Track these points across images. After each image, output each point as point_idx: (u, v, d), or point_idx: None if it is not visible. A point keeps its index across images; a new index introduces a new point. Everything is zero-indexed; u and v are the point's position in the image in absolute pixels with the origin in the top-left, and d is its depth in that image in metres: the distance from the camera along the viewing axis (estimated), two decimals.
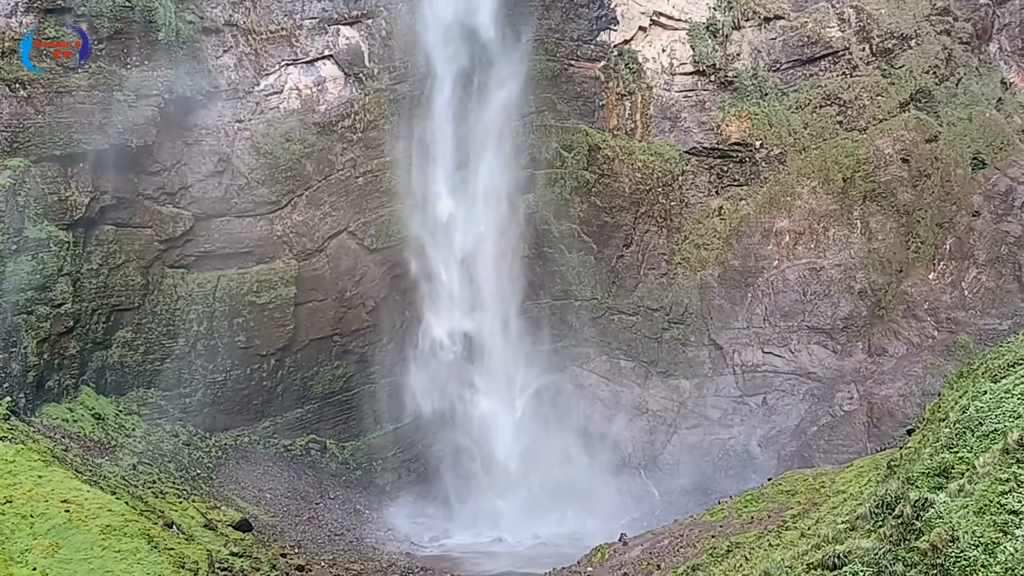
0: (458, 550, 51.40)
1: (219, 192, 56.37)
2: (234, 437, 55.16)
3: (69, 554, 30.33)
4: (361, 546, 48.70)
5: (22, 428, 40.03)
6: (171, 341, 54.20)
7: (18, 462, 34.13)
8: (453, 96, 61.53)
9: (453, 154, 62.21)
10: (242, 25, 56.97)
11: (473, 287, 62.88)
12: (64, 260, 48.12)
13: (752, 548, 34.05)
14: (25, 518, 31.19)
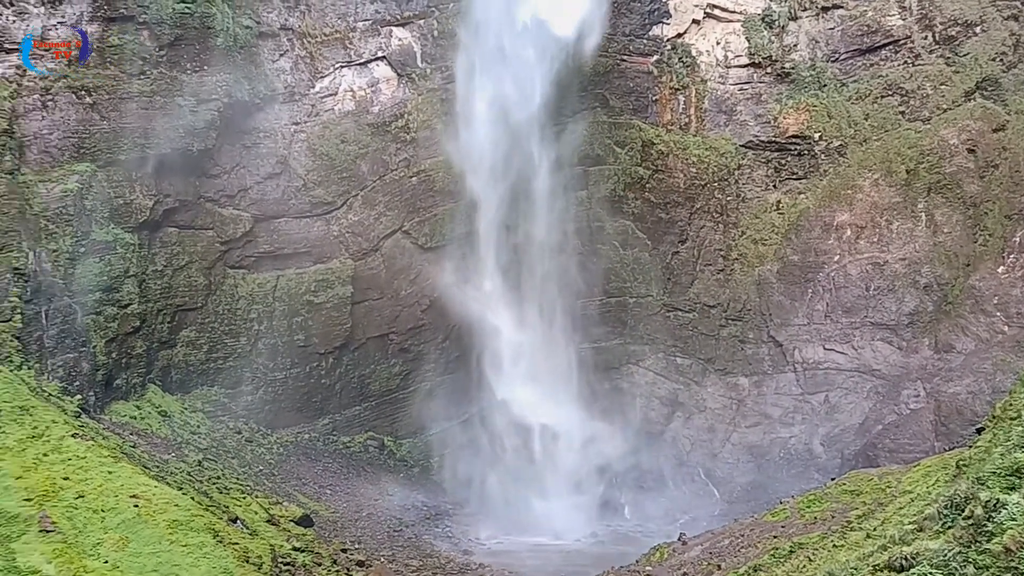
0: (515, 548, 51.36)
1: (277, 194, 57.40)
2: (294, 434, 56.15)
3: (138, 548, 31.21)
4: (419, 543, 49.10)
5: (92, 425, 41.28)
6: (233, 340, 55.42)
7: (89, 458, 35.20)
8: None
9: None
10: (297, 29, 57.91)
11: (526, 286, 62.77)
12: (130, 262, 49.48)
13: (815, 549, 33.35)
14: (96, 512, 32.17)
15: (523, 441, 60.52)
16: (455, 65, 61.02)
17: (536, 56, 60.64)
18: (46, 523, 31.22)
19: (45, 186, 46.34)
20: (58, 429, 36.23)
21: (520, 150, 61.12)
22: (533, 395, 61.08)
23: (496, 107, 60.23)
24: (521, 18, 60.83)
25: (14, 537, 30.27)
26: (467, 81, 60.64)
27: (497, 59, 60.50)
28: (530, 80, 60.56)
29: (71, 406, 41.10)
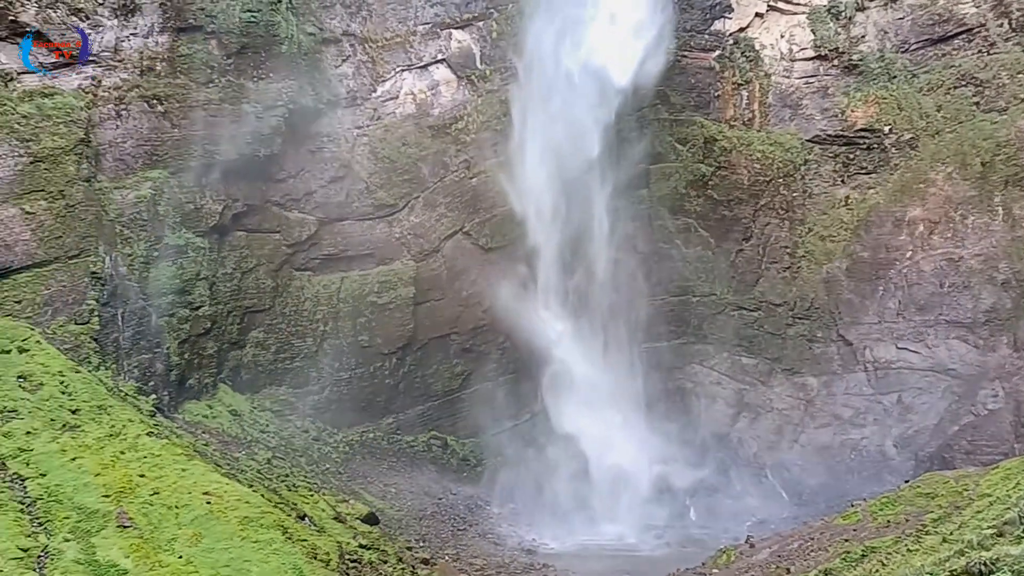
0: (579, 548, 51.13)
1: (340, 197, 58.31)
2: (360, 433, 56.95)
3: (211, 543, 32.01)
4: (483, 541, 49.29)
5: (166, 424, 42.54)
6: (299, 341, 56.51)
7: (163, 456, 36.26)
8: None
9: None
10: (359, 34, 58.73)
11: (588, 287, 62.41)
12: (201, 265, 50.85)
13: (889, 553, 32.45)
14: (171, 509, 33.12)
15: (580, 447, 59.99)
16: (511, 103, 60.90)
17: (592, 104, 60.29)
18: (123, 519, 32.29)
19: (120, 193, 47.96)
20: (134, 428, 37.42)
21: (578, 197, 60.73)
22: (591, 400, 60.55)
23: (550, 156, 59.97)
24: (574, 65, 60.20)
25: (94, 532, 31.39)
26: (521, 126, 60.42)
27: (550, 107, 60.05)
28: (587, 129, 60.08)
29: (146, 405, 42.43)
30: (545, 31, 59.80)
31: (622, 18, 60.49)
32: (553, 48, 60.24)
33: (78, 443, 35.31)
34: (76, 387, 38.25)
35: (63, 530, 31.07)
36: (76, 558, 29.88)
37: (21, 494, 32.47)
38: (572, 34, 60.08)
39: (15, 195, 43.62)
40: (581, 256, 61.86)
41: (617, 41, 59.96)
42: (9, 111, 43.74)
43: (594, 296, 62.06)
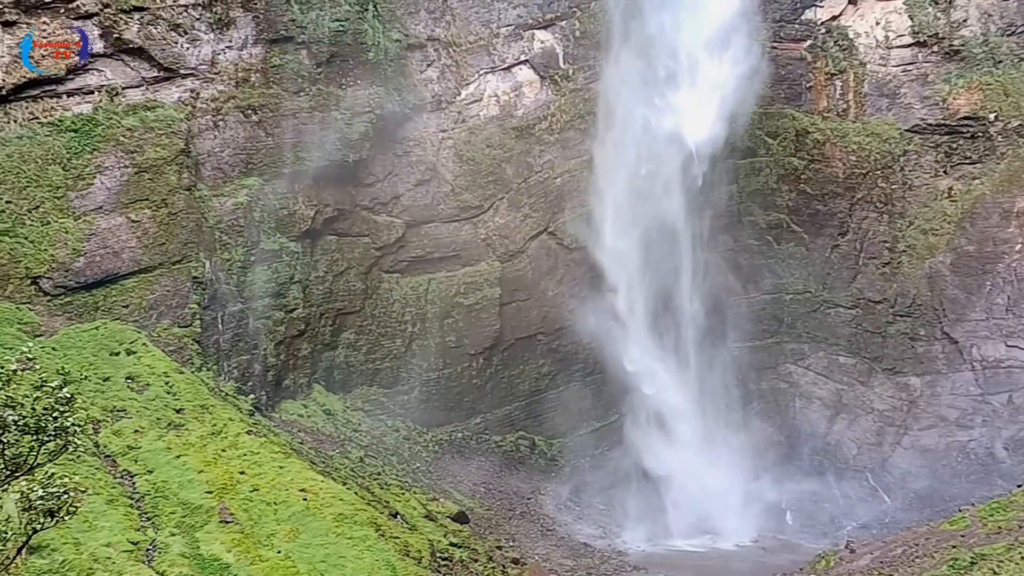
0: (671, 551, 50.39)
1: (427, 200, 59.01)
2: (448, 432, 57.51)
3: (307, 539, 32.84)
4: (573, 542, 49.07)
5: (264, 423, 43.88)
6: (389, 342, 57.45)
7: (262, 454, 37.41)
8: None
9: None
10: (443, 39, 59.33)
11: (674, 286, 61.30)
12: (295, 269, 52.28)
13: (1001, 561, 30.79)
14: (269, 505, 34.13)
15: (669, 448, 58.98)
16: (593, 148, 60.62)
17: (675, 167, 59.61)
18: (225, 514, 33.43)
19: (218, 200, 49.75)
20: (234, 426, 38.74)
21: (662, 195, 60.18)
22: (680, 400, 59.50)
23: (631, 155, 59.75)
24: (659, 128, 59.59)
25: (198, 527, 32.61)
26: (605, 129, 60.18)
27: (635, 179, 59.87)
28: (672, 187, 59.63)
29: (245, 405, 43.86)
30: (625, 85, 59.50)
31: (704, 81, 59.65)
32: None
33: (182, 441, 36.77)
34: (180, 387, 39.84)
35: (169, 524, 32.39)
36: (182, 551, 31.09)
37: (131, 490, 34.01)
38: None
39: (121, 204, 45.74)
40: (667, 254, 60.86)
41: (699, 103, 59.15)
42: (115, 124, 45.89)
43: (680, 295, 60.93)
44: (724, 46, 59.55)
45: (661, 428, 58.72)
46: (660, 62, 59.68)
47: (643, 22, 59.26)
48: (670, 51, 59.47)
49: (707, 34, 59.21)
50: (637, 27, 59.42)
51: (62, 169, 43.67)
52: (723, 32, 59.32)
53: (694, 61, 59.63)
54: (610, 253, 60.02)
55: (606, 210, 60.40)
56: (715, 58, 59.59)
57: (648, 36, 59.23)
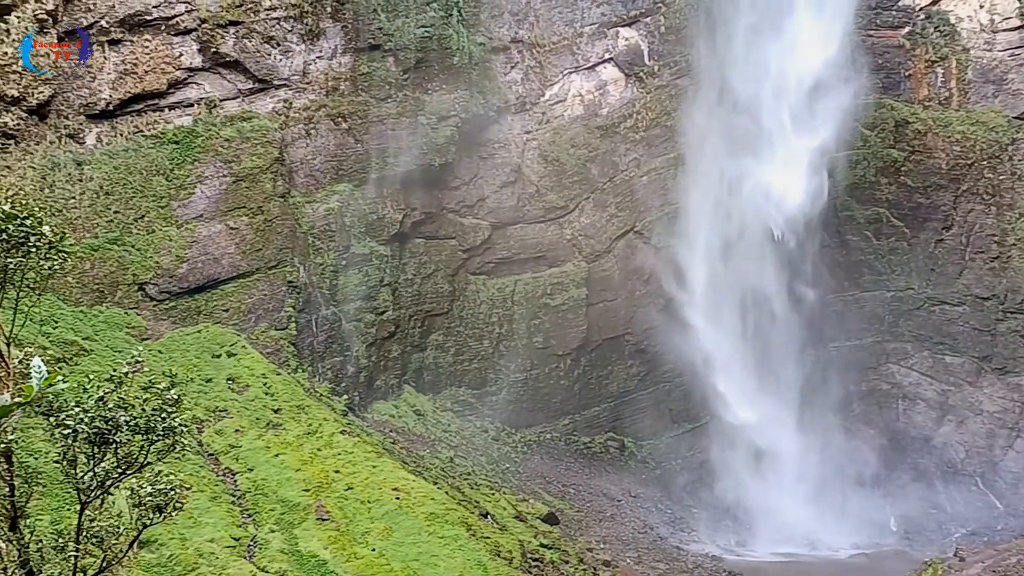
0: (768, 557, 48.96)
1: (512, 201, 59.16)
2: (537, 433, 57.50)
3: (400, 537, 33.29)
4: (665, 545, 48.25)
5: (357, 423, 44.77)
6: (477, 343, 57.86)
7: (356, 453, 38.16)
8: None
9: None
10: (527, 40, 59.39)
11: (766, 284, 59.63)
12: (384, 272, 53.22)
13: None
14: (364, 503, 34.76)
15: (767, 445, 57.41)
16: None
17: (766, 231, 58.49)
18: (322, 512, 34.23)
19: (311, 206, 51.08)
20: (329, 426, 39.65)
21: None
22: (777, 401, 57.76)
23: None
24: (744, 186, 58.51)
25: (296, 524, 33.49)
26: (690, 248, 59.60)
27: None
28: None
29: (339, 405, 44.87)
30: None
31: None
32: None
33: (280, 440, 37.84)
34: (277, 388, 41.03)
35: (269, 521, 33.37)
36: (281, 548, 31.98)
37: (232, 487, 35.20)
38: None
39: (221, 212, 47.48)
40: (757, 252, 59.29)
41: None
42: (214, 135, 47.66)
43: (772, 294, 59.18)
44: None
45: (755, 432, 57.08)
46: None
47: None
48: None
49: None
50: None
51: (165, 180, 45.60)
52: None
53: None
54: (698, 251, 58.90)
55: (692, 207, 59.31)
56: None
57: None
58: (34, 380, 4.83)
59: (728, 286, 59.04)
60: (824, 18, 57.34)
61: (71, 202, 42.42)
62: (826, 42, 57.10)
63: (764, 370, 58.41)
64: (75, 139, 44.34)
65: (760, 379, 58.04)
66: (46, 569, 12.71)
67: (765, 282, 58.82)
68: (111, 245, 43.22)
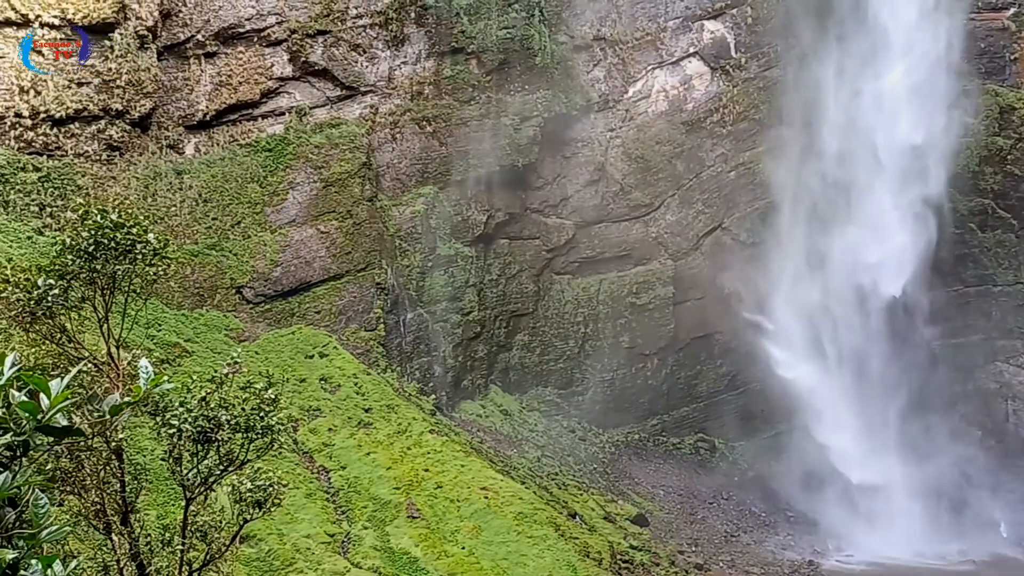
0: (867, 565, 47.03)
1: (596, 200, 58.79)
2: (625, 434, 56.97)
3: (489, 536, 33.46)
4: (759, 549, 47.04)
5: (445, 422, 45.27)
6: (562, 343, 57.74)
7: (444, 452, 38.57)
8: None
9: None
10: (609, 37, 58.94)
11: (862, 279, 57.37)
12: (469, 273, 53.68)
13: None
14: (453, 502, 35.09)
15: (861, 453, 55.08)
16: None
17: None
18: (412, 510, 34.73)
19: (397, 209, 51.97)
20: (418, 425, 40.21)
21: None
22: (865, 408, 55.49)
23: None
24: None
25: (387, 521, 34.08)
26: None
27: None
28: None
29: (427, 405, 45.47)
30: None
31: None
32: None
33: (371, 439, 38.59)
34: (368, 388, 41.86)
35: (362, 518, 34.06)
36: (374, 544, 32.59)
37: (326, 484, 36.08)
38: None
39: (312, 217, 48.78)
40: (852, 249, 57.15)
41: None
42: (304, 142, 49.02)
43: (868, 291, 56.88)
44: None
45: (853, 434, 55.00)
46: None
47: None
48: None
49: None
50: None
51: (259, 186, 47.13)
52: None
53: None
54: (788, 247, 57.25)
55: (784, 202, 57.73)
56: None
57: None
58: (141, 380, 5.00)
59: (825, 281, 57.19)
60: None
61: (172, 210, 44.27)
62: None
63: (860, 371, 56.24)
64: (175, 149, 46.31)
65: (856, 379, 55.91)
66: (155, 562, 13.26)
67: (868, 277, 56.68)
68: (210, 251, 44.91)
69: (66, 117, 41.20)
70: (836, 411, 55.37)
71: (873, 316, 56.16)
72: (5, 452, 3.45)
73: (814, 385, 55.58)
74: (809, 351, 56.31)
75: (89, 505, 12.49)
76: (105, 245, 12.67)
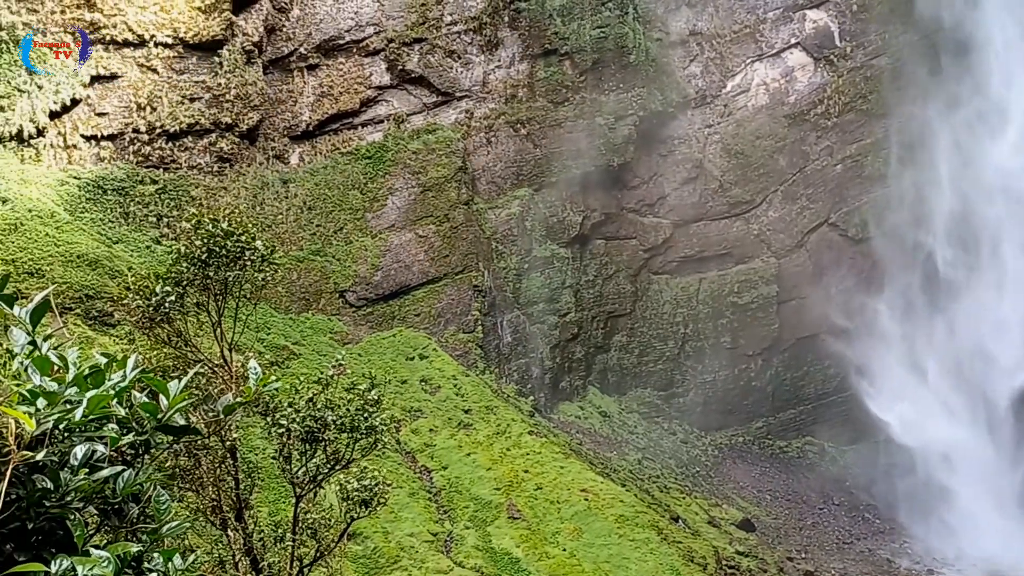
0: (995, 572, 44.37)
1: (694, 198, 57.74)
2: (728, 436, 55.66)
3: (590, 539, 33.24)
4: (874, 557, 45.06)
5: (543, 424, 45.29)
6: (661, 344, 56.89)
7: (543, 453, 38.57)
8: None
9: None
10: (706, 32, 57.80)
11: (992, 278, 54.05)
12: (566, 274, 53.56)
13: None
14: (553, 503, 35.04)
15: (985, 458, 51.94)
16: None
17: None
18: (513, 511, 34.86)
19: (493, 212, 52.36)
20: (516, 427, 40.36)
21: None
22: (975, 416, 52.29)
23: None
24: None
25: (488, 521, 34.31)
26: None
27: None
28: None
29: (525, 406, 45.60)
30: None
31: None
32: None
33: (471, 440, 38.97)
34: (467, 389, 42.30)
35: (463, 518, 34.40)
36: (475, 544, 32.87)
37: (428, 484, 36.64)
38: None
39: (410, 222, 49.72)
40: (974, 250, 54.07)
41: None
42: (402, 148, 50.02)
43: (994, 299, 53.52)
44: None
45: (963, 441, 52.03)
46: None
47: None
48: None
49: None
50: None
51: (360, 193, 48.35)
52: None
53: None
54: (900, 244, 54.68)
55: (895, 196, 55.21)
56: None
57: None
58: (252, 382, 5.13)
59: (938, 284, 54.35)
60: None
61: (278, 218, 45.91)
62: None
63: (970, 374, 53.09)
64: (280, 159, 48.03)
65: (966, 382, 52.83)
66: (267, 557, 13.70)
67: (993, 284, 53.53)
68: (314, 256, 46.32)
69: (180, 131, 43.32)
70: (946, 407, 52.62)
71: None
72: (128, 450, 3.58)
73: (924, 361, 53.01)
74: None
75: (206, 501, 13.01)
76: (217, 253, 13.17)
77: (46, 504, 3.19)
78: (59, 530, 3.25)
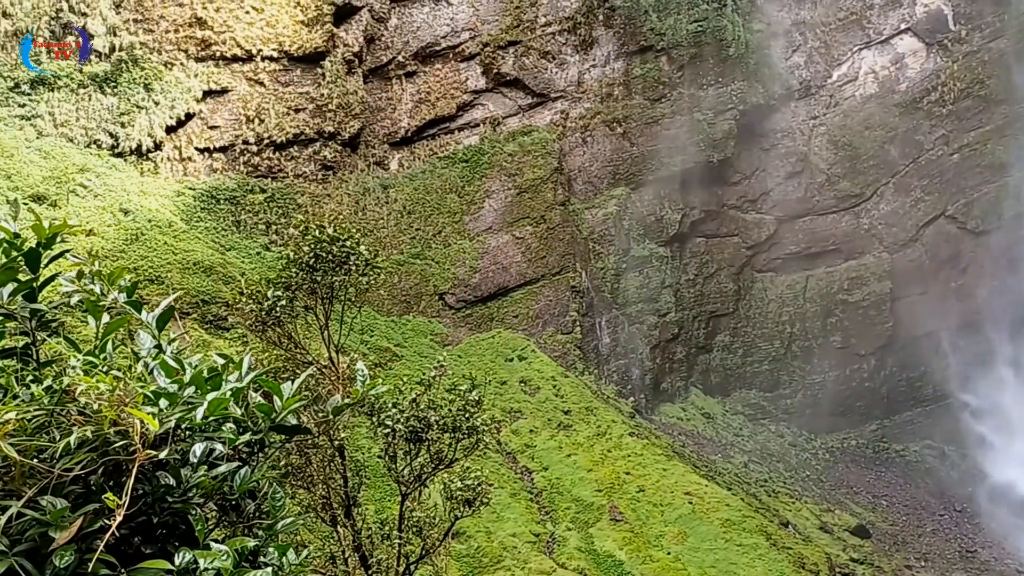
0: None
1: (799, 192, 55.95)
2: (840, 440, 53.61)
3: (695, 543, 32.54)
4: (1003, 568, 42.45)
5: (645, 425, 44.68)
6: (766, 343, 55.30)
7: (645, 455, 38.03)
8: None
9: None
10: (809, 20, 55.94)
11: None
12: (665, 274, 52.75)
13: None
14: (656, 506, 34.50)
15: None
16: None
17: None
18: (615, 513, 34.50)
19: (590, 212, 52.09)
20: (617, 428, 39.94)
21: None
22: None
23: None
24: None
25: (590, 523, 34.06)
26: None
27: None
28: None
29: (626, 407, 45.10)
30: None
31: None
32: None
33: (571, 441, 38.80)
34: (566, 390, 42.17)
35: (565, 519, 34.28)
36: (578, 546, 32.69)
37: (529, 484, 36.69)
38: None
39: (507, 224, 50.01)
40: None
41: None
42: (498, 151, 50.38)
43: None
44: None
45: None
46: None
47: None
48: None
49: None
50: None
51: (457, 196, 48.97)
52: None
53: None
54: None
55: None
56: None
57: None
58: (358, 383, 5.22)
59: None
60: None
61: (379, 222, 47.00)
62: None
63: None
64: (381, 165, 49.17)
65: None
66: (375, 554, 13.99)
67: None
68: (414, 260, 47.19)
69: (286, 141, 44.94)
70: None
71: None
72: (244, 449, 3.68)
73: None
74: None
75: (317, 498, 13.38)
76: (323, 258, 13.54)
77: (169, 500, 3.31)
78: (182, 524, 3.37)
